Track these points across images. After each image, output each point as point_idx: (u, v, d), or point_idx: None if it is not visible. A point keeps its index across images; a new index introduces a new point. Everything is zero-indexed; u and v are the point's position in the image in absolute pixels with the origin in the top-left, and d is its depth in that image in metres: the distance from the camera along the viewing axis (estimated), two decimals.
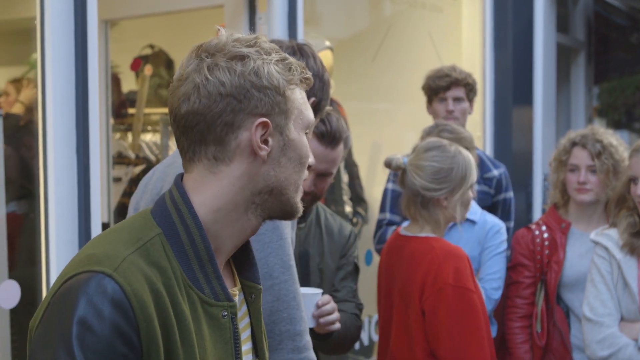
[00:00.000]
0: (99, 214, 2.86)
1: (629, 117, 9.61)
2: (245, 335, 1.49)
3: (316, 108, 2.32)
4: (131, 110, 5.86)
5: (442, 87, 3.92)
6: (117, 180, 5.48)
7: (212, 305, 1.38)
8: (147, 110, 5.90)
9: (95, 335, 1.21)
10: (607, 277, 2.93)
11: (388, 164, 2.85)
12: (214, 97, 1.38)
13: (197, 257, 1.38)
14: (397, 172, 2.93)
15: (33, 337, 1.29)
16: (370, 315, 4.91)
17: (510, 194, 3.87)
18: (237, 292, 1.50)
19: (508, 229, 3.72)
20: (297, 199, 1.49)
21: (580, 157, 3.34)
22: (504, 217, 3.79)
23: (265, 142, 1.41)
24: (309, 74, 1.50)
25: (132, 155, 5.67)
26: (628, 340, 2.84)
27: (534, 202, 6.23)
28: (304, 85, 1.49)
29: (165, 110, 6.24)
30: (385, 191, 3.87)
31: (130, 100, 5.91)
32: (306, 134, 1.48)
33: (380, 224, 3.83)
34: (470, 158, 2.83)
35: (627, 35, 9.54)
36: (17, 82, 3.86)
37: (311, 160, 1.52)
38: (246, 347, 1.48)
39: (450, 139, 3.31)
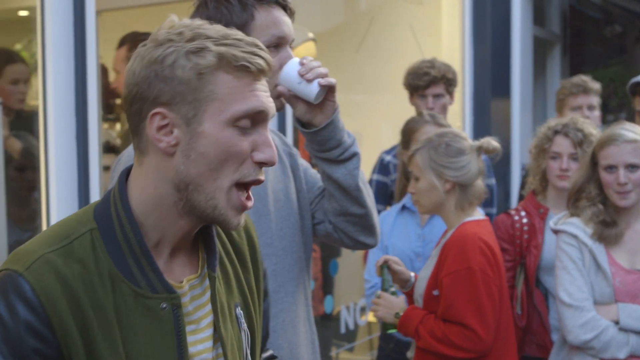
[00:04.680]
0: (97, 197, 2.95)
1: (603, 109, 9.70)
2: (205, 322, 1.45)
3: None
4: (118, 101, 5.89)
5: (422, 86, 3.97)
6: (107, 168, 5.52)
7: (148, 297, 1.35)
8: None
9: (8, 329, 1.28)
10: (579, 264, 2.96)
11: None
12: (129, 86, 1.34)
13: (131, 251, 1.35)
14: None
15: None
16: (355, 302, 5.00)
17: (493, 181, 3.92)
18: (195, 281, 1.44)
19: (491, 215, 3.77)
20: (221, 203, 1.35)
21: (563, 145, 3.37)
22: (487, 204, 3.82)
23: (170, 133, 1.34)
24: (258, 60, 1.34)
25: (120, 144, 5.70)
26: (608, 322, 2.89)
27: (512, 190, 6.32)
28: (244, 73, 1.34)
29: None
30: (370, 182, 3.92)
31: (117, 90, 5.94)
32: (237, 126, 1.33)
33: None
34: None
35: (601, 28, 9.67)
36: None
37: (261, 156, 1.36)
38: (205, 334, 1.44)
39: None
